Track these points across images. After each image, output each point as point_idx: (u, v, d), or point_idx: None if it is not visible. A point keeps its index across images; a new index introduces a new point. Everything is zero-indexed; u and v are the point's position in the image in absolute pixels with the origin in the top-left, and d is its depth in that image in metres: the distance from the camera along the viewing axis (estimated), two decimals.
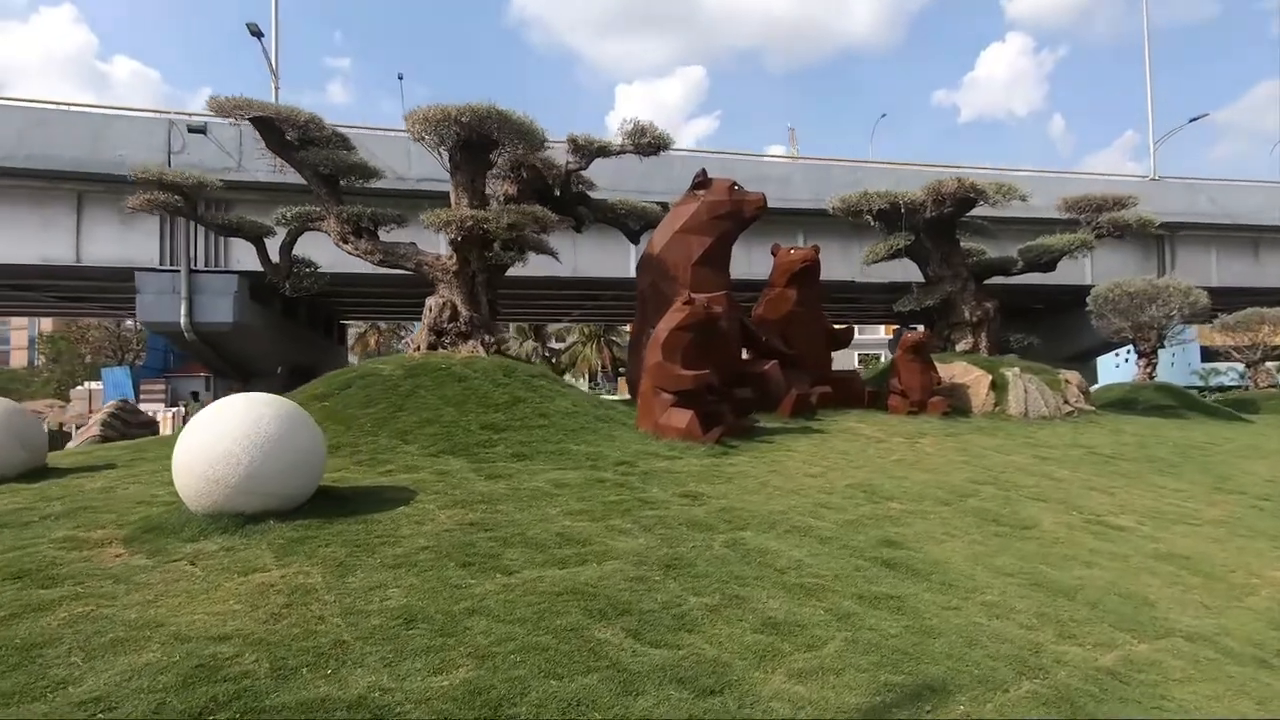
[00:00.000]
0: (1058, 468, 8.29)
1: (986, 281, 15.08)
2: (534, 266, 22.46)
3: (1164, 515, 6.60)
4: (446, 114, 8.77)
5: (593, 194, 13.05)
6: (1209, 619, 4.31)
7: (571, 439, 7.78)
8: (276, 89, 20.38)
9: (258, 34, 18.89)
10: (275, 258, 10.86)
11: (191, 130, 16.97)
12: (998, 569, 4.81)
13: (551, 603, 3.81)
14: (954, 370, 13.11)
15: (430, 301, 9.81)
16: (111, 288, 20.37)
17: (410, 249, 9.98)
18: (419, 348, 9.73)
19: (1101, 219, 14.72)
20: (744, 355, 12.43)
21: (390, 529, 4.86)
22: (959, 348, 14.29)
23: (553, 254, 10.87)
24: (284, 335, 23.37)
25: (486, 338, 9.71)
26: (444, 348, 9.65)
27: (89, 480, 6.34)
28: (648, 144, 10.90)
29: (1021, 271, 14.91)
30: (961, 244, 14.68)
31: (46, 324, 64.51)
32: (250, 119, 9.09)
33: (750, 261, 24.45)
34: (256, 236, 10.42)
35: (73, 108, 18.12)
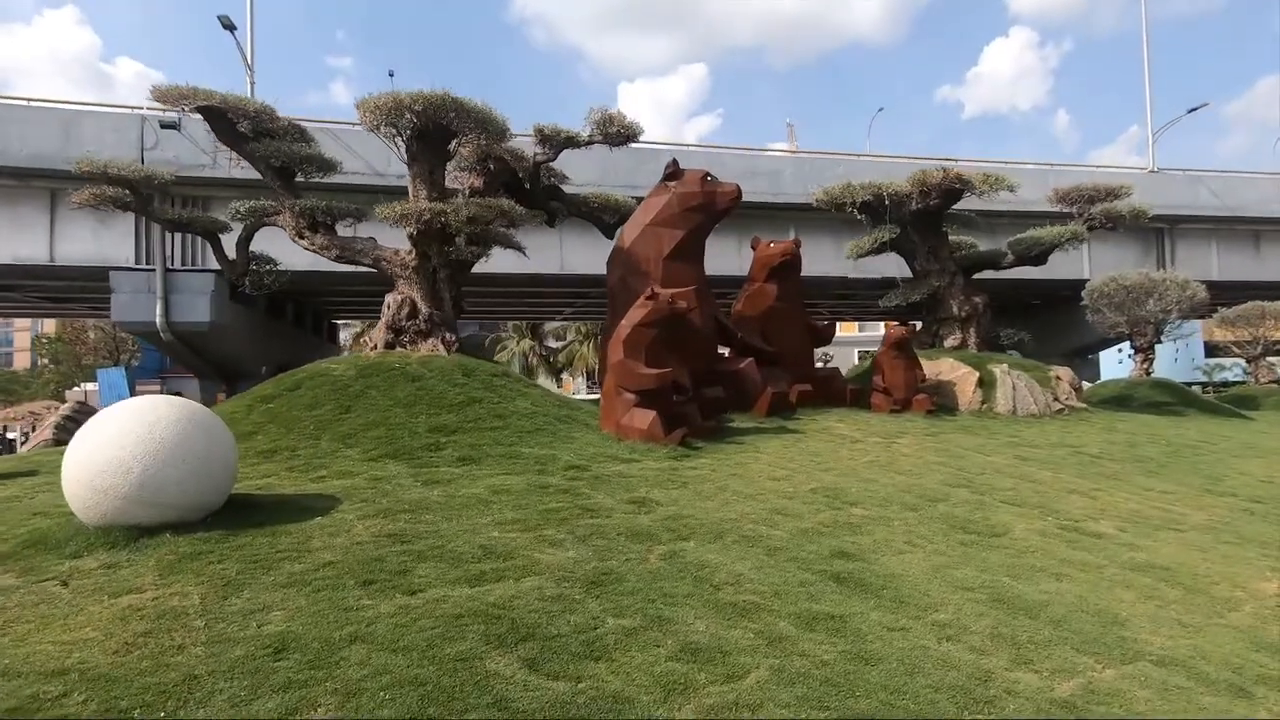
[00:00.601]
0: (1039, 469, 7.88)
1: (976, 276, 14.67)
2: (520, 263, 22.14)
3: (1147, 520, 6.20)
4: (399, 101, 8.39)
5: (579, 189, 12.66)
6: (1184, 639, 3.91)
7: (525, 441, 7.40)
8: (252, 83, 20.01)
9: (230, 27, 18.53)
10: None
11: (164, 126, 16.59)
12: (957, 583, 4.42)
13: (448, 627, 3.43)
14: (940, 367, 12.71)
15: (389, 298, 9.44)
16: (91, 287, 20.02)
17: (368, 244, 9.61)
18: (375, 346, 9.36)
19: (1094, 210, 14.29)
20: (722, 352, 12.14)
21: (298, 542, 4.49)
22: (947, 344, 13.88)
23: (519, 248, 10.50)
24: (268, 334, 23.03)
25: (447, 336, 9.33)
26: (402, 346, 9.28)
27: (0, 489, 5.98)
28: (616, 133, 10.50)
29: (1011, 265, 14.50)
30: (950, 238, 14.26)
31: (49, 326, 64.28)
32: (198, 109, 8.73)
33: (742, 258, 24.12)
34: (211, 233, 10.06)
35: (42, 104, 17.76)
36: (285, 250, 12.17)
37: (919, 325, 12.30)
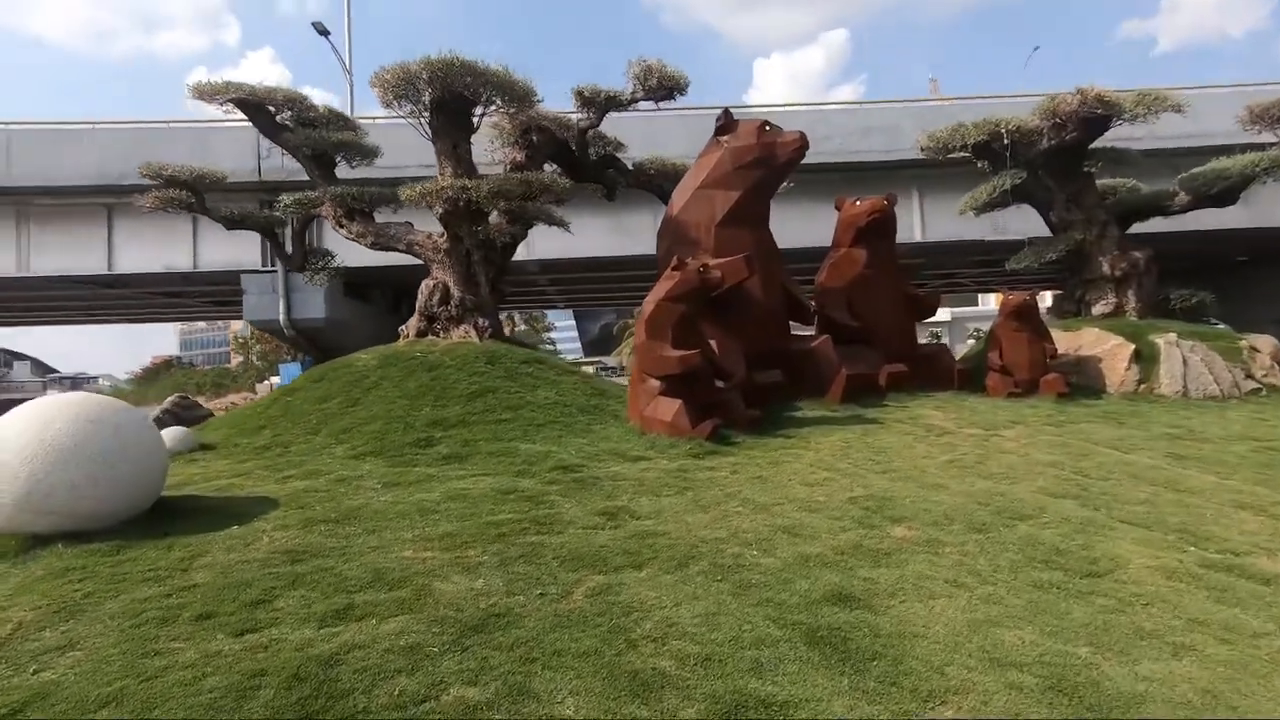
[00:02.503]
0: (1199, 472, 5.83)
1: (1136, 226, 11.88)
2: (617, 244, 21.46)
3: None
4: (408, 71, 7.84)
5: (638, 159, 11.64)
6: None
7: (529, 435, 6.59)
8: (351, 86, 20.88)
9: (324, 32, 19.35)
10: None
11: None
12: (1001, 653, 2.99)
13: (236, 689, 2.66)
14: (1082, 339, 10.35)
15: (423, 284, 9.02)
16: (229, 290, 21.97)
17: (401, 229, 9.24)
18: (408, 334, 8.98)
19: None
20: (804, 330, 10.64)
21: (182, 559, 3.95)
22: (1096, 310, 11.32)
23: (562, 224, 9.68)
24: (383, 328, 24.15)
25: (480, 321, 8.73)
26: (435, 334, 8.82)
27: None
28: (656, 86, 9.32)
29: (1185, 208, 11.54)
30: (1096, 181, 11.61)
31: (235, 325, 73.47)
32: (235, 102, 8.74)
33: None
34: (265, 228, 10.21)
35: (180, 124, 19.57)
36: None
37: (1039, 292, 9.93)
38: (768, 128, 8.91)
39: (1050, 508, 4.85)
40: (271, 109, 9.28)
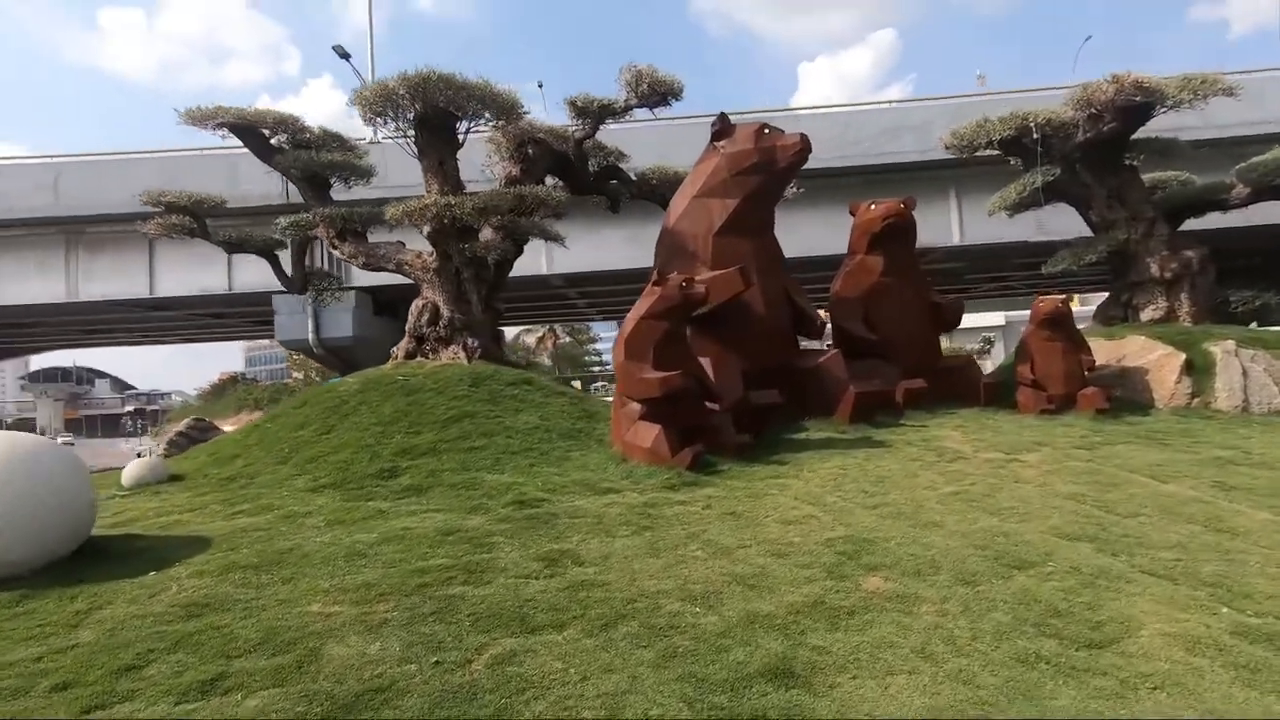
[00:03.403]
0: (1251, 507, 5.04)
1: (1192, 223, 10.86)
2: (640, 258, 21.12)
3: None
4: (386, 88, 7.65)
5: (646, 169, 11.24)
6: None
7: (499, 465, 6.22)
8: None
9: (344, 55, 19.66)
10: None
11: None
12: None
13: None
14: (1125, 348, 9.43)
15: (413, 304, 8.80)
16: (263, 311, 22.48)
17: (391, 249, 9.06)
18: (398, 356, 8.76)
19: None
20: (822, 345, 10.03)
21: (86, 610, 3.73)
22: (1144, 315, 10.35)
23: (556, 239, 9.33)
24: None
25: (470, 342, 8.43)
26: (424, 355, 8.57)
27: None
28: (648, 93, 8.90)
29: (1245, 201, 10.47)
30: (1143, 175, 10.67)
31: None
32: (227, 126, 8.74)
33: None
34: (266, 250, 10.21)
35: (211, 151, 20.14)
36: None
37: (1068, 297, 9.04)
38: (767, 131, 8.39)
39: (1059, 553, 4.20)
40: (266, 132, 9.26)
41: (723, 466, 6.29)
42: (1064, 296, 8.73)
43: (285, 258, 11.80)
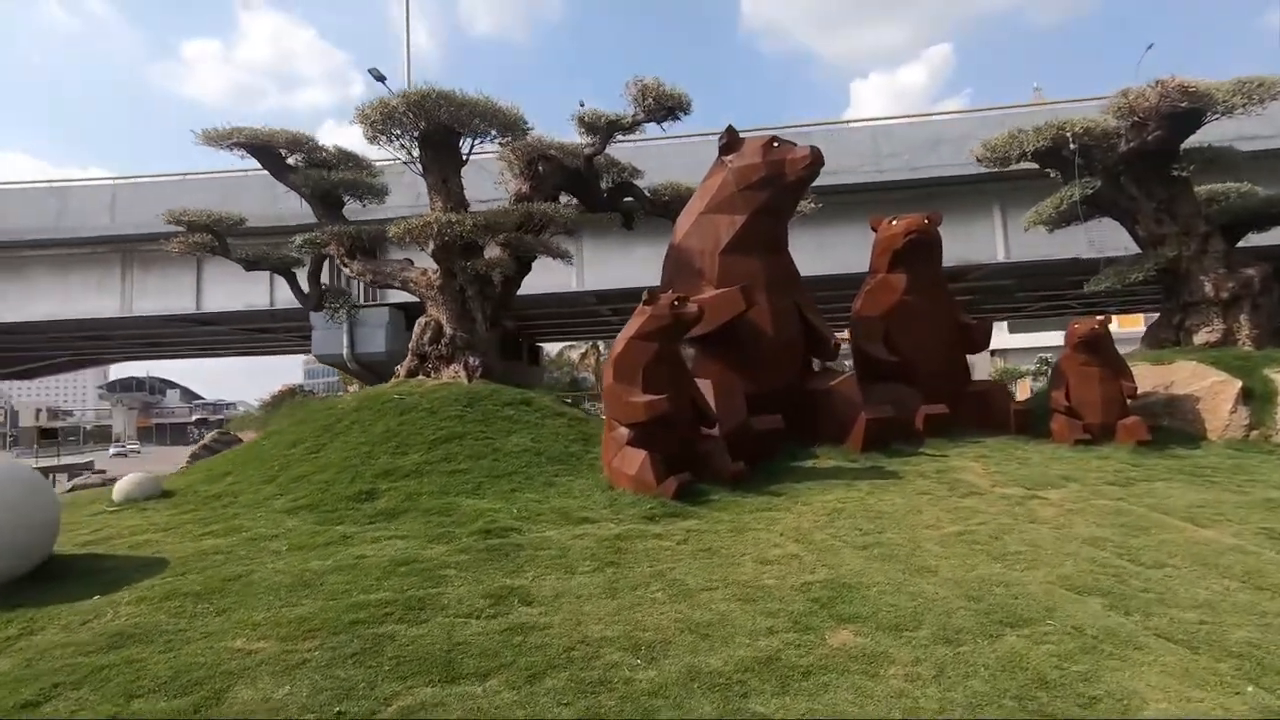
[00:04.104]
0: None
1: (1249, 238, 10.02)
2: (645, 275, 20.89)
3: None
4: (386, 105, 7.65)
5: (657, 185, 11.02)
6: None
7: (479, 489, 6.02)
8: None
9: (380, 78, 20.12)
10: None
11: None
12: None
13: None
14: (1175, 374, 8.69)
15: (417, 322, 8.74)
16: (305, 326, 23.06)
17: (397, 266, 9.04)
18: (400, 374, 8.69)
19: None
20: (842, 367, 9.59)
21: (15, 636, 3.68)
22: (1198, 339, 9.55)
23: (563, 256, 9.16)
24: None
25: (470, 360, 8.30)
26: (426, 373, 8.48)
27: None
28: (654, 107, 8.66)
29: None
30: (1197, 186, 9.91)
31: None
32: (242, 146, 8.90)
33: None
34: (283, 268, 10.35)
35: (251, 173, 20.89)
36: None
37: (1105, 318, 8.25)
38: (776, 144, 8.06)
39: (1063, 608, 3.72)
40: (283, 151, 9.42)
41: (714, 496, 5.94)
42: (1102, 318, 8.09)
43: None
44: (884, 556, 4.55)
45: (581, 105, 9.34)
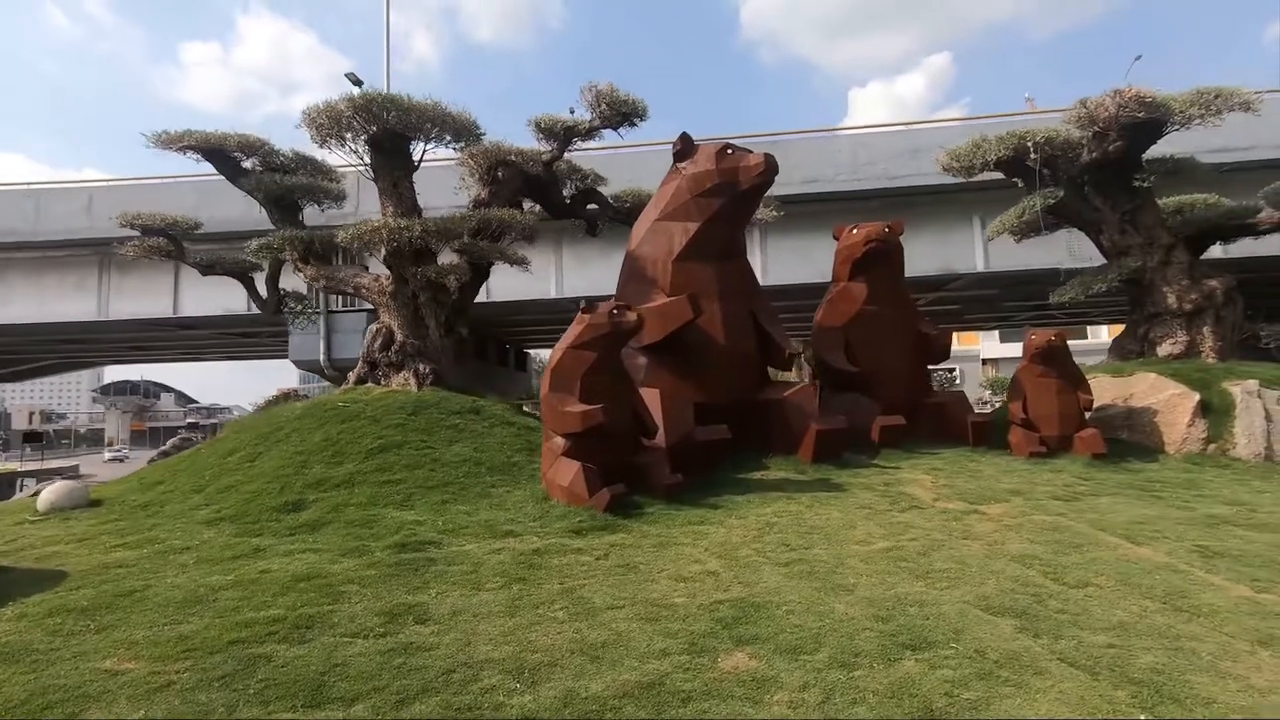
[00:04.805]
0: (1229, 580, 4.31)
1: (1212, 250, 9.97)
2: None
3: None
4: (333, 109, 7.55)
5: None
6: None
7: (409, 501, 5.88)
8: None
9: (357, 83, 20.04)
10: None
11: None
12: None
13: None
14: (1134, 387, 8.61)
15: (368, 328, 8.62)
16: (281, 331, 22.89)
17: (350, 272, 8.93)
18: (349, 382, 8.57)
19: None
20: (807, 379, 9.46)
21: None
22: (1162, 350, 9.49)
23: (521, 263, 9.03)
24: None
25: (420, 368, 8.18)
26: (376, 381, 8.35)
27: None
28: (609, 113, 8.58)
29: (1276, 227, 9.54)
30: (1162, 198, 9.86)
31: None
32: (195, 149, 8.78)
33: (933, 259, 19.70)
34: (240, 273, 10.22)
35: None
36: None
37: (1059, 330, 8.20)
38: (730, 151, 7.98)
39: (971, 630, 3.60)
40: (238, 155, 9.30)
41: (649, 509, 5.82)
42: (1057, 330, 8.00)
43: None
44: (804, 574, 4.42)
45: (571, 112, 9.27)
